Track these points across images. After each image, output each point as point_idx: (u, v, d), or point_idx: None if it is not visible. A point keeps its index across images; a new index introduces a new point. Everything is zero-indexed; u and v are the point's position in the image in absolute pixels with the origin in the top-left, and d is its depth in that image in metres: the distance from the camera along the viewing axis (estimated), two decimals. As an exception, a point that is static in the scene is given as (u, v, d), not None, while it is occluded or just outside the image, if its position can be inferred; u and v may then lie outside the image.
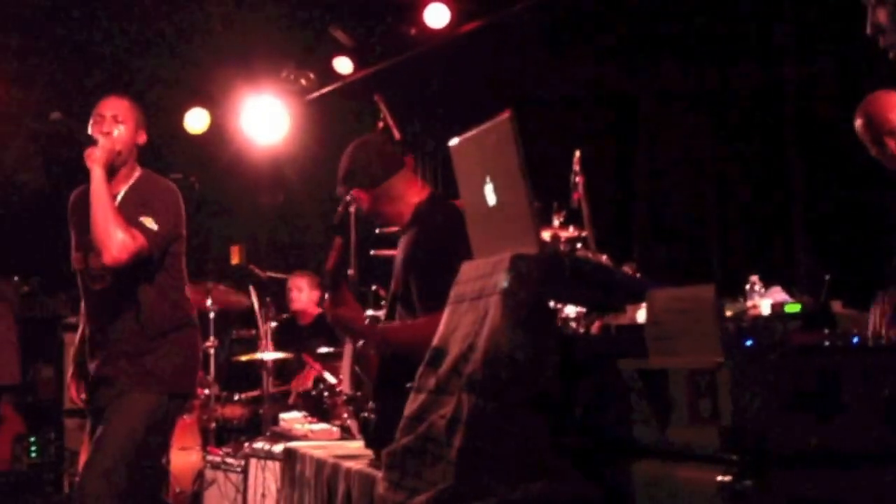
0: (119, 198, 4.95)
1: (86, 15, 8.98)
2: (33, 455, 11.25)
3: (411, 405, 2.94)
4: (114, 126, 4.97)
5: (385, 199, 4.53)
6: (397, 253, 4.70)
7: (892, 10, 3.19)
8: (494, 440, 2.55)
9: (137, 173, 5.09)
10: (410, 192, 4.54)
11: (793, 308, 3.36)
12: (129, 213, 4.86)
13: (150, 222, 4.85)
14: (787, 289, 3.93)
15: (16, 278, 11.38)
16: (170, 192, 5.08)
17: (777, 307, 3.03)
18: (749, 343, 2.27)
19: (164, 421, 4.97)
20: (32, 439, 11.28)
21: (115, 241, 4.71)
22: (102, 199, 4.79)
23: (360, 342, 4.36)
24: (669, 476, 2.34)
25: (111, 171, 4.94)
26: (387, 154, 4.62)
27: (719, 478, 2.19)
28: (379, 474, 3.08)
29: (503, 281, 2.65)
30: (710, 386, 2.26)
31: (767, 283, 3.90)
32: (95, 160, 4.83)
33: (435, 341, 2.95)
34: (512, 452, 2.53)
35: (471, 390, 2.63)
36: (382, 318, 4.73)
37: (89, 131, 4.97)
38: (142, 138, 5.09)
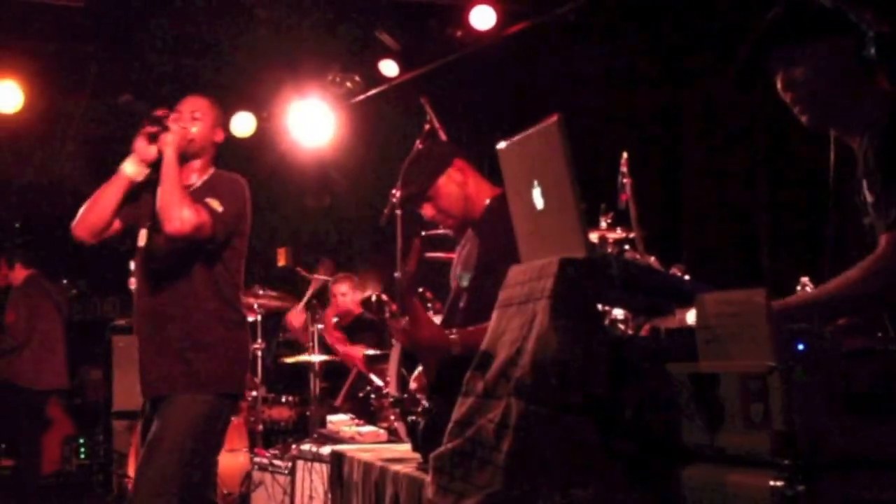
0: (191, 190, 5.03)
1: (134, 20, 9.03)
2: (82, 456, 11.38)
3: (459, 409, 2.93)
4: (191, 121, 5.10)
5: (442, 198, 4.59)
6: (461, 251, 4.72)
7: (809, 67, 3.13)
8: (543, 445, 2.54)
9: (211, 171, 5.21)
10: (470, 188, 4.59)
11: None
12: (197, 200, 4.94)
13: (215, 204, 4.94)
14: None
15: (65, 281, 11.48)
16: (239, 185, 5.17)
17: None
18: (801, 347, 2.25)
19: (217, 421, 4.98)
20: (81, 440, 11.42)
21: (179, 212, 4.79)
22: (171, 175, 4.89)
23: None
24: (720, 481, 2.32)
25: (184, 160, 5.05)
26: (428, 158, 4.68)
27: (771, 483, 2.17)
28: (427, 478, 3.08)
29: (551, 285, 2.64)
30: (761, 390, 2.24)
31: (818, 285, 3.86)
32: (168, 143, 4.94)
33: (483, 345, 2.94)
34: (561, 457, 2.51)
35: (519, 395, 2.62)
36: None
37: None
38: (219, 136, 5.23)
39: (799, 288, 3.62)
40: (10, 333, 9.77)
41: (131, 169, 5.00)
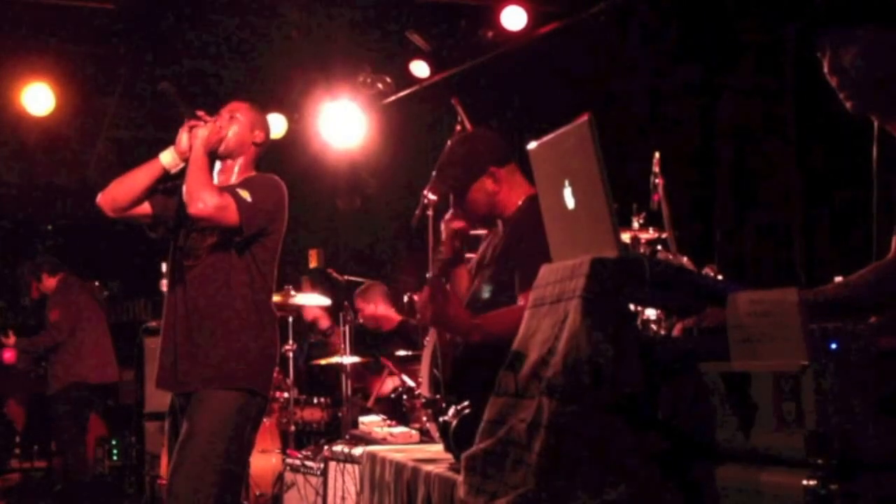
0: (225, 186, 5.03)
1: (164, 23, 9.07)
2: (114, 458, 11.42)
3: (491, 409, 2.94)
4: (229, 121, 5.12)
5: (468, 203, 4.55)
6: (489, 243, 4.69)
7: (860, 51, 3.08)
8: (575, 444, 2.54)
9: (252, 173, 5.20)
10: (500, 196, 4.52)
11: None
12: None
13: (244, 193, 4.92)
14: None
15: (96, 283, 11.53)
16: (274, 183, 5.15)
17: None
18: (834, 346, 2.24)
19: (247, 419, 4.96)
20: (114, 442, 11.46)
21: (202, 194, 4.79)
22: (197, 162, 4.91)
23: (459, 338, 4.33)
24: (753, 480, 2.32)
25: (218, 158, 5.11)
26: (465, 159, 4.63)
27: (804, 483, 2.17)
28: (459, 478, 3.08)
29: (583, 284, 2.63)
30: (794, 389, 2.23)
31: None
32: (198, 137, 4.97)
33: (514, 345, 2.94)
34: (593, 456, 2.51)
35: (551, 394, 2.62)
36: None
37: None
38: (258, 137, 5.21)
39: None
40: (55, 329, 9.89)
41: (167, 158, 5.02)
